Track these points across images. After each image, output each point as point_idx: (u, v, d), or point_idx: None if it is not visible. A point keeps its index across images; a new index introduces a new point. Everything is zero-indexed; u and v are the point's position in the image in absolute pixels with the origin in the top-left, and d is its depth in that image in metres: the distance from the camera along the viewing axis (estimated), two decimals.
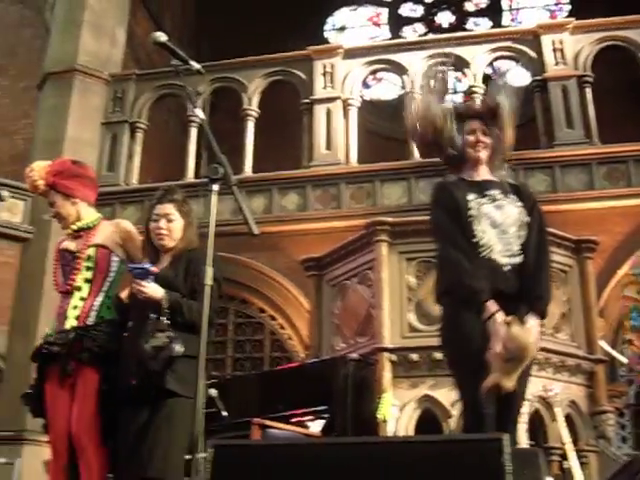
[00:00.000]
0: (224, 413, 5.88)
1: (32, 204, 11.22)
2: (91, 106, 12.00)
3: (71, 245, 4.17)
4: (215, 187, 2.97)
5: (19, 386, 7.55)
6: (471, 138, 3.61)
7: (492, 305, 3.27)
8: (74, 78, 12.05)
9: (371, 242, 7.55)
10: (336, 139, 10.91)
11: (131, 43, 13.26)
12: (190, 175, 11.37)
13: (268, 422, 5.70)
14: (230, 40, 14.82)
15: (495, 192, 3.56)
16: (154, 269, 3.66)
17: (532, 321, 3.37)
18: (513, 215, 3.51)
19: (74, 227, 4.20)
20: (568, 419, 6.80)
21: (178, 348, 3.52)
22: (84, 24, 12.44)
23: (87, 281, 4.08)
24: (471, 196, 3.51)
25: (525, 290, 3.40)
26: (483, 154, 3.62)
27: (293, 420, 6.18)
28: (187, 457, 2.79)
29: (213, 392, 5.81)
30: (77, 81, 12.05)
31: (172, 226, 3.88)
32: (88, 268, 4.06)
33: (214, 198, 2.95)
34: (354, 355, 6.67)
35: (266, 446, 2.81)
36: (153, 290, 3.61)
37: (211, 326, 3.36)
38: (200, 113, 3.35)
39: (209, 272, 2.91)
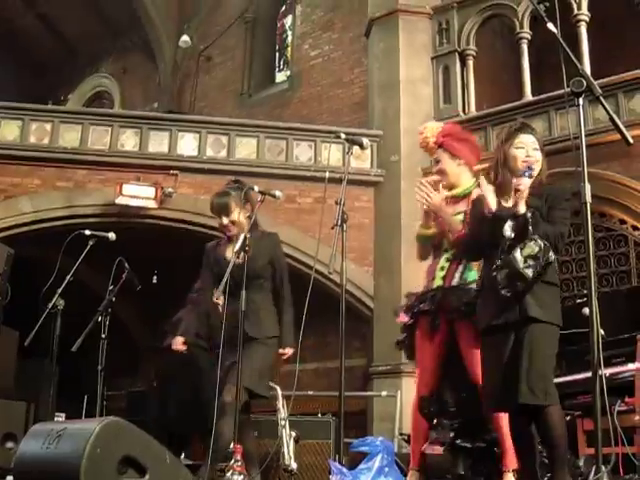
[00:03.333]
0: (601, 332, 5.70)
1: (377, 148, 11.59)
2: (419, 43, 12.06)
3: None
4: (581, 101, 2.85)
5: (389, 323, 7.93)
6: None
7: None
8: (398, 19, 12.16)
9: None
10: None
11: None
12: (528, 94, 11.07)
13: None
14: None
15: None
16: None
17: None
18: None
19: (450, 194, 4.53)
20: None
21: (552, 254, 3.53)
22: None
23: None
24: None
25: None
26: None
27: None
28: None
29: (586, 311, 5.65)
30: (401, 21, 12.15)
31: (537, 155, 3.87)
32: None
33: (582, 112, 2.83)
34: None
35: None
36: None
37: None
38: (552, 27, 3.21)
39: (586, 189, 2.81)
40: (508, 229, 3.63)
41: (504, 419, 4.06)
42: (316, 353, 11.66)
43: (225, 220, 5.26)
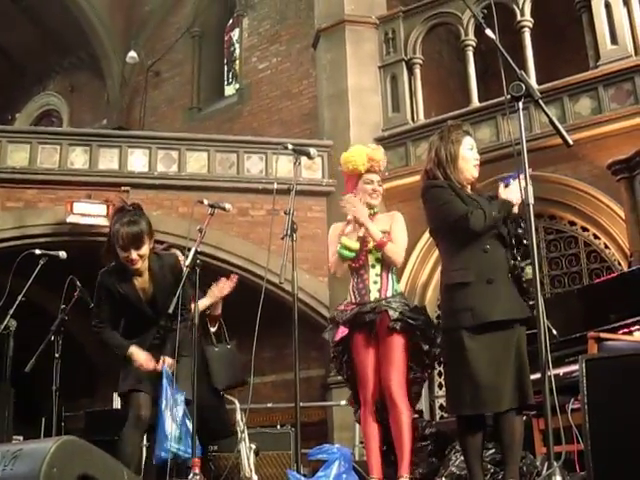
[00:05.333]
0: (554, 332, 5.78)
1: (328, 158, 11.65)
2: (366, 52, 12.16)
3: None
4: (520, 105, 2.90)
5: None
6: None
7: None
8: (344, 29, 12.25)
9: None
10: (620, 31, 10.21)
11: None
12: (474, 100, 11.21)
13: (605, 334, 5.52)
14: None
15: None
16: None
17: None
18: None
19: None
20: None
21: None
22: None
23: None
24: None
25: None
26: None
27: (623, 331, 5.95)
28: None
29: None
30: (348, 31, 12.23)
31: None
32: None
33: (522, 116, 2.88)
34: None
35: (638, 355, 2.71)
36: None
37: None
38: (490, 33, 3.26)
39: (530, 192, 2.87)
40: (511, 225, 3.73)
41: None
42: (274, 365, 11.66)
43: (134, 254, 4.75)
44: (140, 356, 4.77)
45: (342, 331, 4.68)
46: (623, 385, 2.47)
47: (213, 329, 6.12)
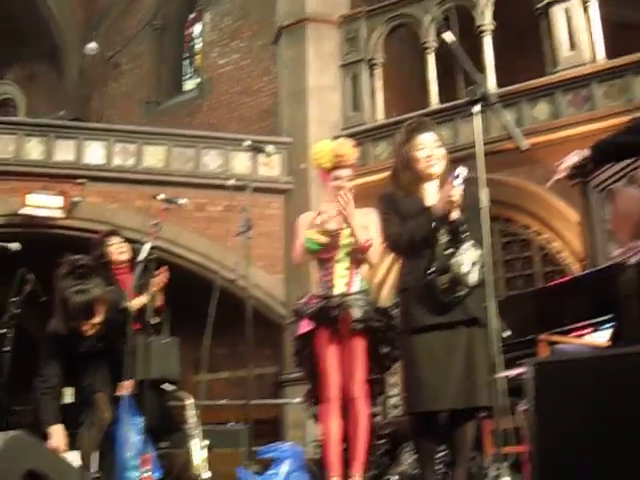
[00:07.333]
0: (506, 333, 5.82)
1: (288, 155, 11.63)
2: (327, 51, 12.17)
3: None
4: (477, 108, 2.92)
5: None
6: None
7: None
8: (306, 27, 12.26)
9: None
10: (579, 38, 10.34)
11: None
12: (434, 102, 11.27)
13: (555, 337, 5.59)
14: None
15: None
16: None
17: None
18: None
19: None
20: None
21: None
22: None
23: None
24: None
25: None
26: None
27: (574, 334, 6.02)
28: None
29: None
30: (309, 29, 12.24)
31: (439, 152, 3.89)
32: None
33: (478, 120, 2.90)
34: (634, 259, 6.35)
35: (587, 359, 2.73)
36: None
37: None
38: (450, 36, 3.27)
39: (483, 195, 2.88)
40: (444, 233, 3.67)
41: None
42: (228, 362, 11.63)
43: (85, 326, 4.62)
44: (55, 440, 4.70)
45: (306, 325, 4.61)
46: (571, 389, 2.50)
47: (155, 321, 6.05)
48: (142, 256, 4.79)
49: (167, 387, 6.25)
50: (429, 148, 3.86)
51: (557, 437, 2.43)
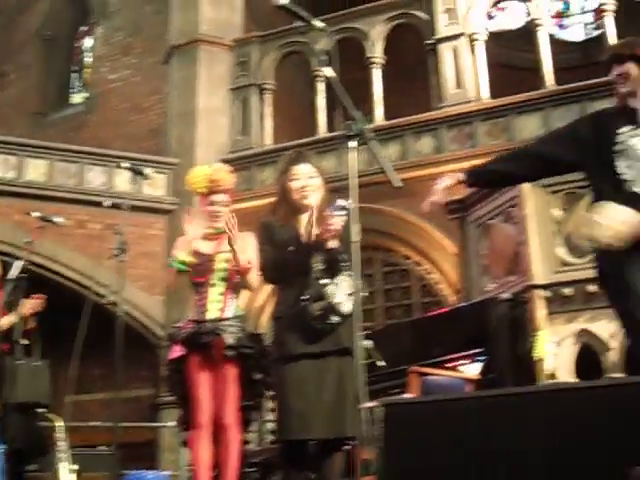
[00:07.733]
0: (381, 363, 5.91)
1: (173, 176, 11.55)
2: (218, 74, 12.18)
3: None
4: (352, 144, 2.97)
5: None
6: None
7: None
8: (198, 48, 12.27)
9: None
10: (465, 76, 10.67)
11: (249, 6, 13.27)
12: (322, 130, 11.41)
13: (425, 369, 5.70)
14: None
15: None
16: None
17: None
18: None
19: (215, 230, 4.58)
20: None
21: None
22: None
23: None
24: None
25: None
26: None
27: (448, 365, 6.16)
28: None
29: (368, 343, 5.84)
30: (201, 51, 12.25)
31: (315, 183, 3.93)
32: None
33: (352, 155, 2.95)
34: (506, 295, 6.55)
35: (436, 401, 2.81)
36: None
37: None
38: (329, 71, 3.32)
39: (355, 229, 2.93)
40: (319, 262, 3.69)
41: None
42: (104, 383, 11.37)
43: None
44: None
45: (177, 350, 4.57)
46: (415, 429, 2.57)
47: (25, 342, 5.88)
48: (14, 273, 4.66)
49: (37, 410, 6.09)
50: (303, 179, 3.91)
51: (399, 474, 2.50)
